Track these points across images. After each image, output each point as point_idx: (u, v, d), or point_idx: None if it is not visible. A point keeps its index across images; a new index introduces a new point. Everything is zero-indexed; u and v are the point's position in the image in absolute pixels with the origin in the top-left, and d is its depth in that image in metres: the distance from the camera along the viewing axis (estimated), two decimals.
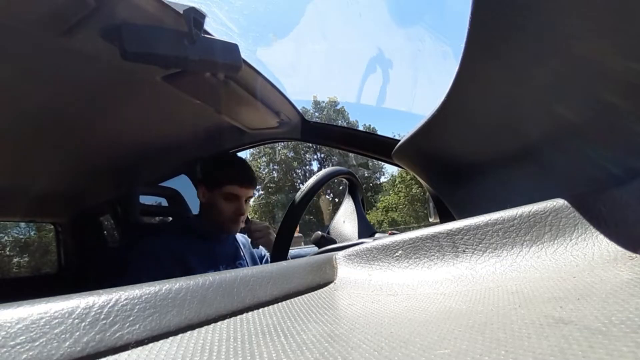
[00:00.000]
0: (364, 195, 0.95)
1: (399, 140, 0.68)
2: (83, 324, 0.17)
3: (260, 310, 0.24)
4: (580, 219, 0.26)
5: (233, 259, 0.98)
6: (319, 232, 0.75)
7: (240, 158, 1.07)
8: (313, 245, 0.76)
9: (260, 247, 1.03)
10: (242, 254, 1.02)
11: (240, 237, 1.08)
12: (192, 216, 1.04)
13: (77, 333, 0.17)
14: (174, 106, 0.96)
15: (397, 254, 0.31)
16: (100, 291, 0.19)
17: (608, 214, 0.25)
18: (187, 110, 0.99)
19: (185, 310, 0.21)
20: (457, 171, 0.53)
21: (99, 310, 0.18)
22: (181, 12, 0.64)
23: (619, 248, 0.23)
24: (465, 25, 0.31)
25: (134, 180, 1.26)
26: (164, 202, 1.27)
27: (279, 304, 0.25)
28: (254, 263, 1.06)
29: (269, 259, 0.99)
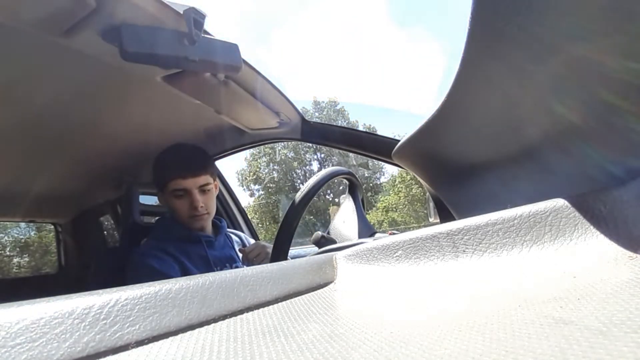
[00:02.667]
0: (364, 195, 0.95)
1: (399, 140, 0.68)
2: (83, 324, 0.17)
3: (260, 310, 0.24)
4: (580, 219, 0.26)
5: (229, 263, 0.95)
6: (319, 232, 0.75)
7: (177, 146, 0.94)
8: (313, 245, 0.76)
9: None
10: (237, 256, 0.98)
11: (234, 237, 1.05)
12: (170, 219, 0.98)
13: (77, 333, 0.17)
14: (174, 106, 0.96)
15: (397, 254, 0.31)
16: (100, 291, 0.19)
17: (608, 214, 0.25)
18: (187, 110, 0.99)
19: (185, 310, 0.21)
20: (457, 171, 0.53)
21: (99, 310, 0.18)
22: (181, 12, 0.64)
23: (619, 248, 0.23)
24: (465, 25, 0.31)
25: (134, 180, 1.26)
26: None
27: (279, 304, 0.25)
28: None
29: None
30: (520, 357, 0.13)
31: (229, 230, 1.07)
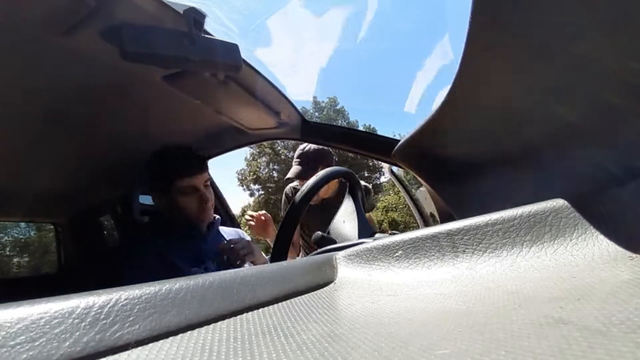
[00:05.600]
0: (364, 195, 0.95)
1: (399, 140, 0.68)
2: (83, 324, 0.17)
3: (260, 310, 0.24)
4: (580, 219, 0.26)
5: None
6: (319, 232, 0.74)
7: (173, 149, 0.95)
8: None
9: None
10: None
11: (231, 231, 1.06)
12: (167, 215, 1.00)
13: (77, 333, 0.17)
14: (174, 106, 0.96)
15: (397, 254, 0.31)
16: (100, 291, 0.19)
17: (608, 214, 0.25)
18: (187, 110, 0.99)
19: (185, 310, 0.21)
20: (457, 171, 0.53)
21: (99, 310, 0.18)
22: (181, 12, 0.64)
23: (619, 248, 0.23)
24: (465, 25, 0.31)
25: (134, 180, 1.26)
26: None
27: (279, 304, 0.25)
28: None
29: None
30: (520, 357, 0.13)
31: (226, 228, 1.07)
